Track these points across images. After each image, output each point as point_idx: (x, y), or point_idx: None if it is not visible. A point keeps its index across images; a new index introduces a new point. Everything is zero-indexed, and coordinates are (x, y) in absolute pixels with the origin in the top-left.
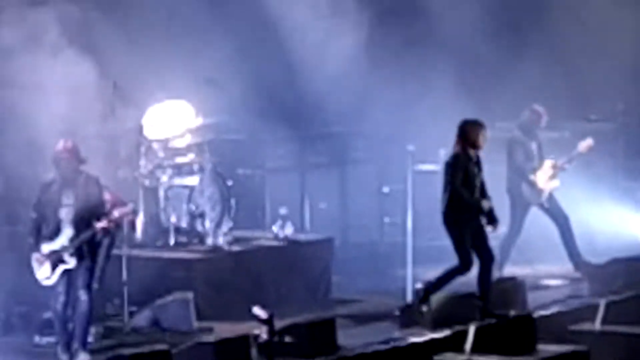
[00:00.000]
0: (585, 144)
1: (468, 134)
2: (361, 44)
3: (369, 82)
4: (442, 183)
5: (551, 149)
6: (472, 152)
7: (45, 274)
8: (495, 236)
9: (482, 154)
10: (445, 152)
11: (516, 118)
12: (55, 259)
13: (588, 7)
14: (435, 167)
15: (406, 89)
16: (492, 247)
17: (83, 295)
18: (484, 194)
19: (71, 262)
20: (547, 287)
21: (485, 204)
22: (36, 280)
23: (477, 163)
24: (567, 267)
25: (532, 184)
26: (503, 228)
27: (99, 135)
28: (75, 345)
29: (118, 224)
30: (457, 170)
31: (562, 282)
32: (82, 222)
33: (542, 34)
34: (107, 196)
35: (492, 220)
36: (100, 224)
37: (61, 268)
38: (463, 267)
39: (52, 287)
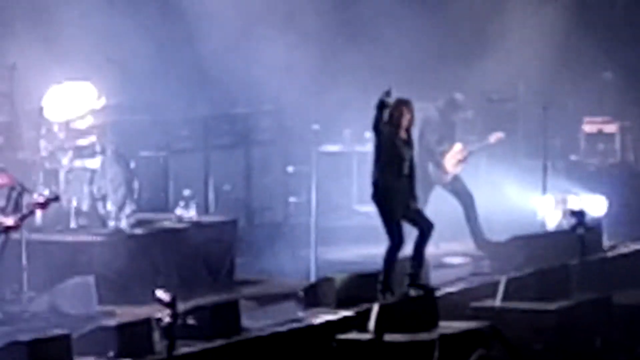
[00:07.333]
0: (496, 136)
1: (392, 115)
2: (269, 25)
3: (275, 63)
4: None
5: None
6: (401, 132)
7: None
8: None
9: None
10: (350, 132)
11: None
12: None
13: None
14: (339, 147)
15: (312, 70)
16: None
17: None
18: (412, 177)
19: None
20: (449, 265)
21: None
22: None
23: (408, 142)
24: (470, 245)
25: (439, 166)
26: None
27: None
28: None
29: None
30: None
31: (464, 260)
32: None
33: (438, 17)
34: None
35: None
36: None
37: None
38: (395, 245)
39: None
